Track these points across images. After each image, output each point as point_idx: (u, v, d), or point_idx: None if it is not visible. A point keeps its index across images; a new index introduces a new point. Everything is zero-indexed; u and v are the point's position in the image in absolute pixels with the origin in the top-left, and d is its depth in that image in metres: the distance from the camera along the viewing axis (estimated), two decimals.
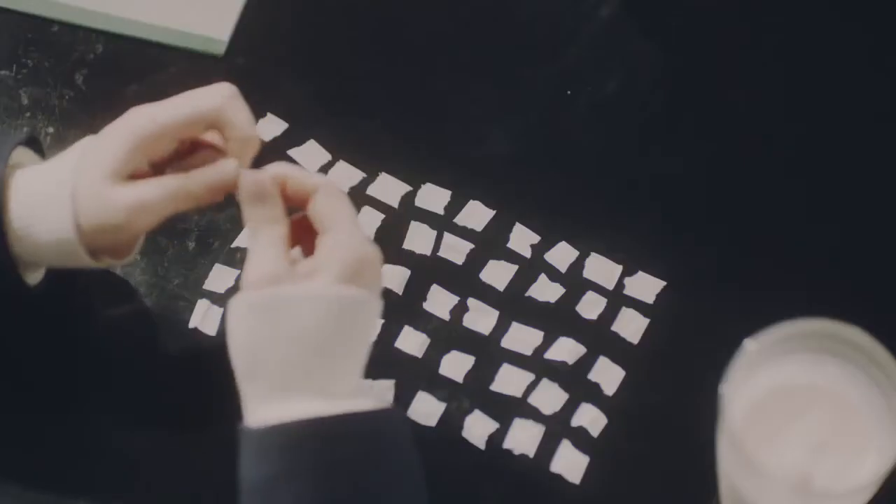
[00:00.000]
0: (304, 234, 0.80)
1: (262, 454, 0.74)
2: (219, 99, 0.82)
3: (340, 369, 0.77)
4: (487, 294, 0.95)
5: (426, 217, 0.98)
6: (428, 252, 0.97)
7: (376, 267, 0.80)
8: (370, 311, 0.78)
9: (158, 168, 0.84)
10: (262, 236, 0.79)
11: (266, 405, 0.76)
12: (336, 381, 0.76)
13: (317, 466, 0.73)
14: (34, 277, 0.87)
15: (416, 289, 0.95)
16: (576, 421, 0.90)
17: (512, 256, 0.96)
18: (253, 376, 0.77)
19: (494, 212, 0.98)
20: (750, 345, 0.75)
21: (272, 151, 1.01)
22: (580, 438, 0.90)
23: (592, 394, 0.91)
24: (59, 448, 0.89)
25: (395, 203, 0.99)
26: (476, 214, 0.98)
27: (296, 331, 0.76)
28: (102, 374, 0.92)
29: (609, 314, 0.94)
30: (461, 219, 0.98)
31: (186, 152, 0.84)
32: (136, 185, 0.81)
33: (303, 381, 0.76)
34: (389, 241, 0.95)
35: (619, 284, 0.95)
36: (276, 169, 0.81)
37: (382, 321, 0.93)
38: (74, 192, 0.81)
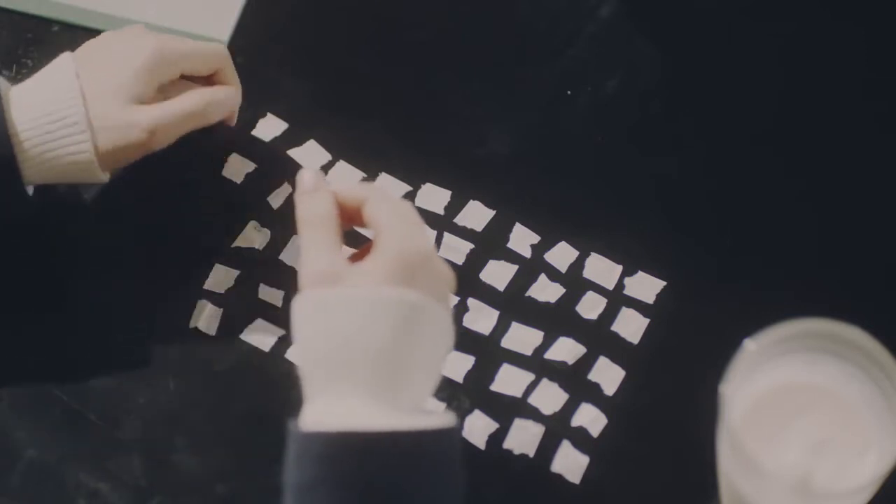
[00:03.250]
0: None
1: (301, 458, 0.73)
2: (223, 49, 0.96)
3: (400, 377, 0.75)
4: (487, 294, 0.95)
5: (426, 217, 0.97)
6: None
7: (433, 268, 0.78)
8: (429, 315, 0.76)
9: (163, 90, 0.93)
10: (315, 234, 0.78)
11: (317, 404, 0.75)
12: (396, 389, 0.74)
13: (350, 481, 0.72)
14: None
15: None
16: (576, 421, 0.90)
17: (512, 256, 0.96)
18: (307, 374, 0.76)
19: (494, 212, 0.98)
20: (750, 345, 0.75)
21: (272, 151, 1.01)
22: (580, 438, 0.90)
23: (592, 394, 0.91)
24: (59, 449, 0.90)
25: None
26: (476, 214, 0.98)
27: (345, 331, 0.75)
28: (102, 374, 0.92)
29: (609, 314, 0.94)
30: (461, 219, 0.98)
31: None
32: (153, 108, 0.90)
33: (357, 385, 0.74)
34: None
35: (619, 284, 0.95)
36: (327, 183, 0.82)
37: None
38: (91, 118, 0.88)
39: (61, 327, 0.93)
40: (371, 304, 0.75)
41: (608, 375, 0.92)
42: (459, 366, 0.92)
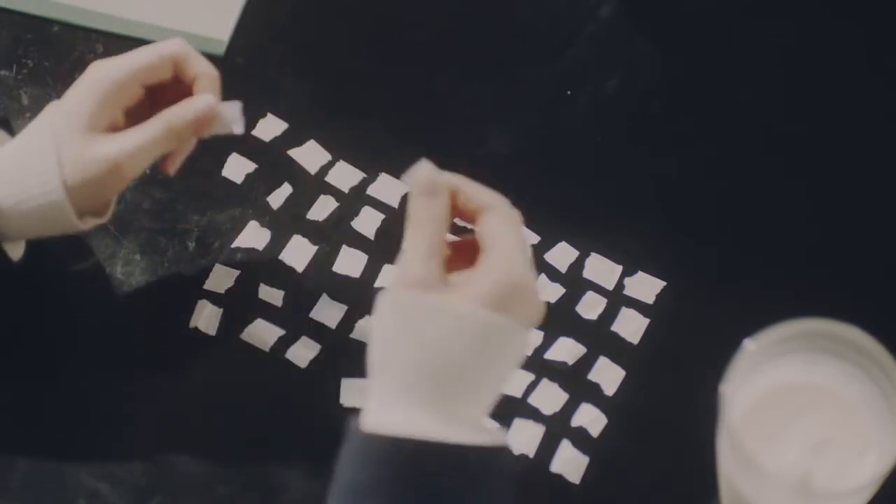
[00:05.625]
0: (465, 257, 0.78)
1: (361, 457, 0.72)
2: (177, 42, 0.88)
3: (469, 394, 0.74)
4: None
5: None
6: None
7: (530, 298, 0.77)
8: (513, 342, 0.75)
9: (133, 119, 0.87)
10: (420, 235, 0.77)
11: (384, 406, 0.74)
12: (461, 405, 0.74)
13: (406, 488, 0.71)
14: (15, 252, 0.88)
15: None
16: (576, 421, 0.90)
17: None
18: (378, 374, 0.75)
19: None
20: (750, 345, 0.75)
21: (272, 151, 1.01)
22: (580, 438, 0.90)
23: (592, 394, 0.91)
24: (59, 450, 0.90)
25: (395, 203, 0.99)
26: None
27: (429, 341, 0.73)
28: (101, 375, 0.92)
29: (609, 314, 0.94)
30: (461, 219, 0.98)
31: (158, 102, 0.88)
32: (117, 136, 0.85)
33: (425, 395, 0.73)
34: (389, 241, 0.95)
35: (619, 284, 0.95)
36: (452, 178, 0.79)
37: None
38: (57, 154, 0.84)
39: (61, 327, 0.93)
40: (462, 320, 0.74)
41: (608, 375, 0.92)
42: None
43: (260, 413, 0.91)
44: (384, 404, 0.74)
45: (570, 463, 0.89)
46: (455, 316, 0.74)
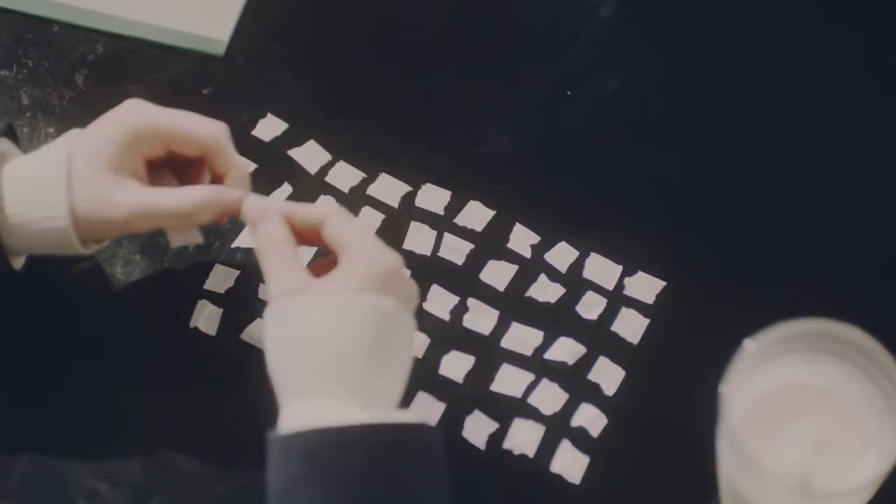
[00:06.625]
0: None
1: (282, 460, 0.74)
2: (216, 129, 0.86)
3: (372, 378, 0.77)
4: (487, 294, 0.95)
5: (426, 217, 0.98)
6: (428, 252, 0.97)
7: (401, 278, 0.81)
8: (398, 319, 0.78)
9: (155, 168, 0.87)
10: (273, 255, 0.80)
11: (293, 411, 0.76)
12: (368, 389, 0.76)
13: (334, 474, 0.73)
14: (17, 262, 0.89)
15: None
16: (576, 421, 0.90)
17: (512, 256, 0.96)
18: (281, 384, 0.78)
19: (494, 212, 0.98)
20: (750, 345, 0.75)
21: (272, 151, 1.01)
22: (580, 438, 0.90)
23: (592, 394, 0.91)
24: (59, 449, 0.90)
25: (395, 203, 0.99)
26: (476, 214, 0.98)
27: (317, 336, 0.76)
28: (102, 374, 0.92)
29: (609, 314, 0.94)
30: (461, 219, 0.98)
31: (177, 160, 0.88)
32: (137, 189, 0.84)
33: (330, 387, 0.76)
34: (389, 241, 0.95)
35: (619, 284, 0.95)
36: (278, 203, 0.84)
37: None
38: (70, 183, 0.83)
39: (61, 327, 0.93)
40: (346, 309, 0.77)
41: (608, 375, 0.92)
42: (459, 366, 0.92)
43: (260, 413, 0.91)
44: (295, 407, 0.76)
45: (570, 463, 0.89)
46: (339, 305, 0.77)
